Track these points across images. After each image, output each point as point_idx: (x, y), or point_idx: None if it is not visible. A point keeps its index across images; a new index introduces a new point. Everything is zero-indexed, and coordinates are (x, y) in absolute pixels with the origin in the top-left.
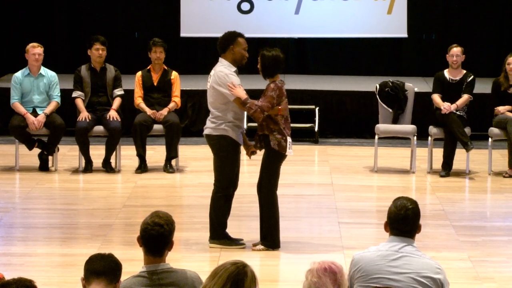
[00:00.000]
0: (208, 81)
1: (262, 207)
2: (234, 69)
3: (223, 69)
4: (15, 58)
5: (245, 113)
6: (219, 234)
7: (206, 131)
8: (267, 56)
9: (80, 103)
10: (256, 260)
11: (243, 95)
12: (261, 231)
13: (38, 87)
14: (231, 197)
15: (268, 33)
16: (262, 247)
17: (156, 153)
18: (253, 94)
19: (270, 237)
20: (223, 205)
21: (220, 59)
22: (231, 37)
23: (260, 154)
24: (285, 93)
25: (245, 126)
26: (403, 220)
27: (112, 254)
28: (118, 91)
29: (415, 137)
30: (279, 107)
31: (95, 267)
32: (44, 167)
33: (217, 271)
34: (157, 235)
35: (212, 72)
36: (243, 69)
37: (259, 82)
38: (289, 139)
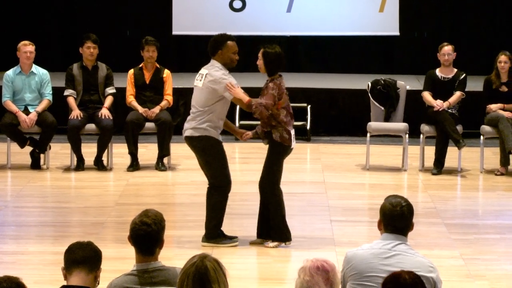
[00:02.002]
0: (198, 79)
1: (264, 203)
2: (227, 71)
3: (219, 70)
4: (6, 56)
5: (237, 111)
6: (212, 234)
7: (187, 133)
8: (270, 53)
9: (72, 101)
10: (248, 258)
11: (245, 96)
12: (260, 227)
13: (29, 85)
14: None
15: (260, 31)
16: (276, 243)
17: (148, 151)
18: (246, 91)
19: (279, 231)
20: (221, 203)
21: (212, 61)
22: (221, 40)
23: (255, 151)
24: (284, 89)
25: (237, 124)
26: (399, 217)
27: (91, 242)
28: (110, 90)
29: (407, 135)
30: (278, 101)
31: (74, 256)
32: (36, 165)
33: (182, 280)
34: (144, 235)
35: (204, 72)
36: (235, 68)
37: (251, 80)
38: (292, 131)
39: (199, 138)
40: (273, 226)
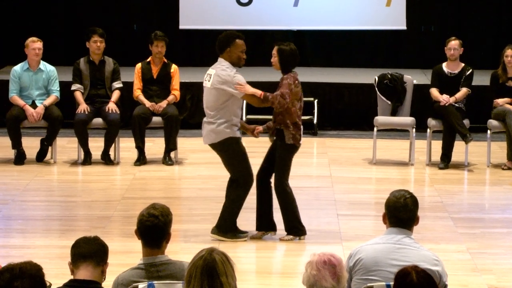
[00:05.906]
0: (206, 79)
1: (262, 195)
2: (235, 69)
3: (226, 69)
4: (13, 50)
5: (244, 106)
6: (225, 227)
7: (207, 141)
8: (285, 50)
9: (79, 95)
10: (255, 252)
11: (257, 91)
12: (259, 220)
13: (36, 82)
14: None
15: (267, 25)
16: (291, 237)
17: (155, 145)
18: (253, 86)
19: (293, 226)
20: (241, 199)
21: (220, 59)
22: (229, 38)
23: (261, 145)
24: (298, 83)
25: (244, 118)
26: (403, 208)
27: (98, 237)
28: (117, 84)
29: (414, 129)
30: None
31: (81, 251)
32: (42, 156)
33: (191, 273)
34: (152, 226)
35: (212, 72)
36: None
37: (258, 74)
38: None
39: (220, 143)
40: (286, 221)
